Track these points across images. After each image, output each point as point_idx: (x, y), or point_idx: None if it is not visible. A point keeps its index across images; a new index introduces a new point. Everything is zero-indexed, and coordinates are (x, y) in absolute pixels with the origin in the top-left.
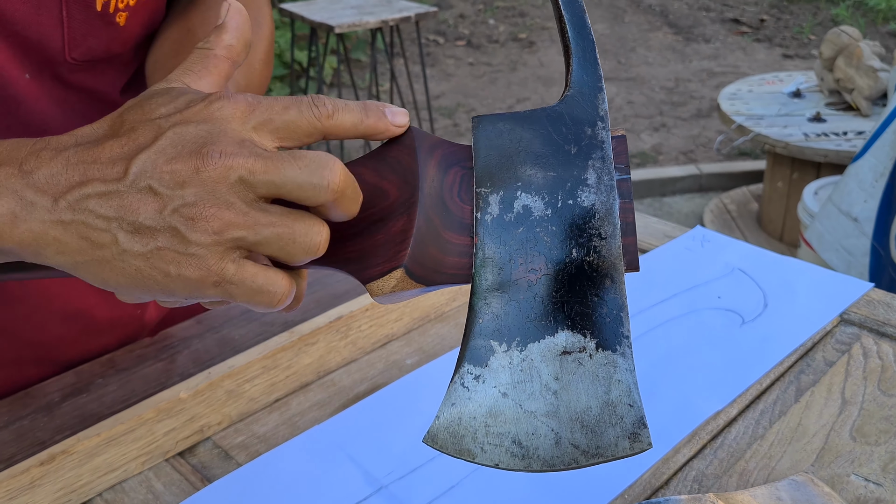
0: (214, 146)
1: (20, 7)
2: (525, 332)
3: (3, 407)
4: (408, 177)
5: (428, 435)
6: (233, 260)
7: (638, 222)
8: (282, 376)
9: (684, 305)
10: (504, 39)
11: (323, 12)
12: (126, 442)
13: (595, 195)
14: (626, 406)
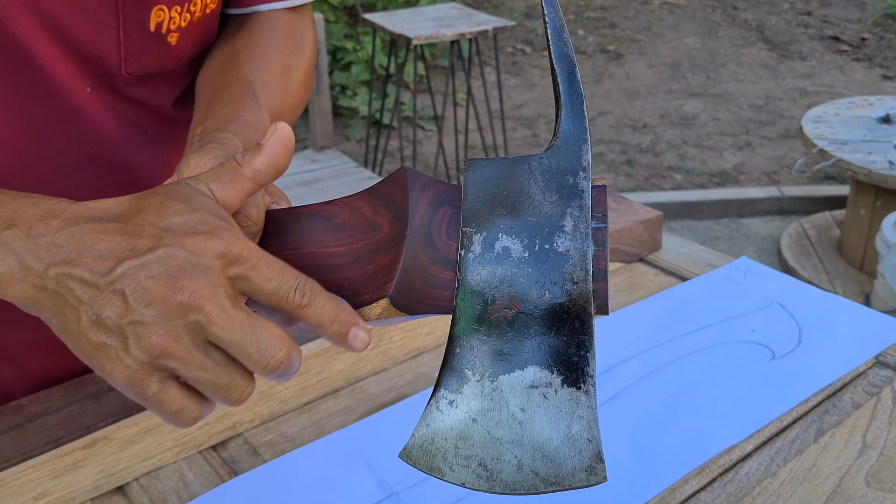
0: (189, 283)
1: (82, 26)
2: (497, 365)
3: (58, 392)
4: (399, 214)
5: (403, 451)
6: (159, 380)
7: (683, 249)
8: (313, 381)
9: (716, 336)
10: (592, 51)
11: (403, 23)
12: (163, 433)
13: (570, 242)
14: (586, 441)
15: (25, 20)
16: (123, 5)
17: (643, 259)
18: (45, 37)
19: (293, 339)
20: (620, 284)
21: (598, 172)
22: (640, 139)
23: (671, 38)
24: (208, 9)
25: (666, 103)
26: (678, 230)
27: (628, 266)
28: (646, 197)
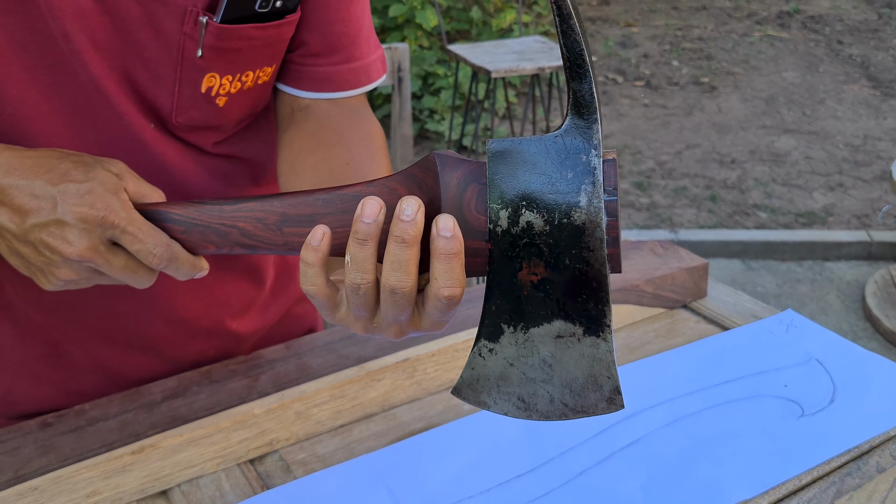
0: (76, 240)
1: (144, 76)
2: (528, 319)
3: (115, 400)
4: (432, 197)
5: (454, 389)
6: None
7: (728, 298)
8: (348, 405)
9: (748, 389)
10: (685, 82)
11: (485, 56)
12: (204, 444)
13: (586, 215)
14: (605, 378)
15: (100, 64)
16: (182, 67)
17: (686, 306)
18: (115, 79)
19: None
20: (659, 330)
21: (679, 207)
22: (727, 175)
23: (769, 71)
24: (260, 80)
25: (757, 139)
26: (758, 270)
27: (670, 312)
28: (727, 235)
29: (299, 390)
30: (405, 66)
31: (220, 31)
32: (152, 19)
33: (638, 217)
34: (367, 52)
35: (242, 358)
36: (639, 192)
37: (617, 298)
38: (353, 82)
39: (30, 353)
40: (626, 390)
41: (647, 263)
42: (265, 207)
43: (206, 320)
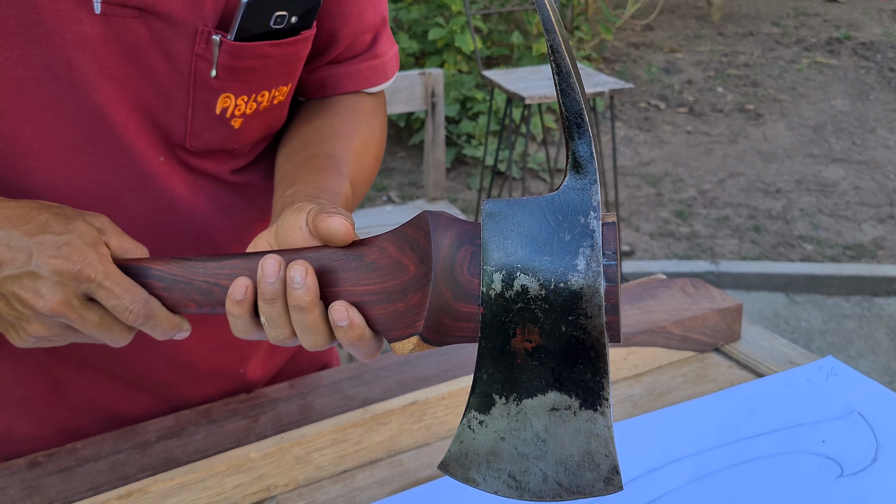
0: (49, 295)
1: (156, 101)
2: (521, 389)
3: (109, 439)
4: (423, 257)
5: (441, 464)
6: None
7: (764, 342)
8: (351, 450)
9: (781, 444)
10: (729, 109)
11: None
12: (197, 489)
13: (583, 280)
14: (603, 456)
15: (110, 93)
16: (195, 89)
17: (718, 349)
18: (126, 108)
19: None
20: (688, 375)
21: (721, 237)
22: (772, 205)
23: (817, 99)
24: (276, 100)
25: (804, 168)
26: (803, 304)
27: (700, 356)
28: (770, 267)
29: (299, 433)
30: (439, 92)
31: (234, 49)
32: (161, 42)
33: (678, 247)
34: (385, 49)
35: (244, 396)
36: (679, 220)
37: (643, 341)
38: (374, 80)
39: (30, 392)
40: (649, 440)
41: (676, 303)
42: (250, 265)
43: (211, 363)
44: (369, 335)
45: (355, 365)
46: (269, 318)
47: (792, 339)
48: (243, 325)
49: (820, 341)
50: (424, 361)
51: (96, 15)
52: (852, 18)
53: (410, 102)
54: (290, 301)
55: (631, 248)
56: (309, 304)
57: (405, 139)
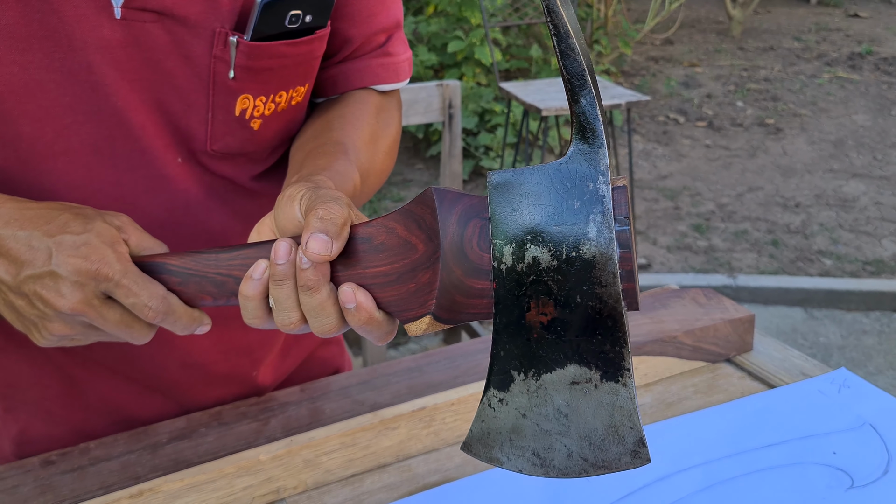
0: (70, 293)
1: (177, 104)
2: (539, 364)
3: (121, 440)
4: (431, 234)
5: (464, 444)
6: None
7: (776, 353)
8: (360, 454)
9: (792, 455)
10: (749, 123)
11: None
12: (206, 490)
13: (596, 248)
14: (628, 428)
15: (130, 96)
16: (214, 91)
17: (730, 360)
18: (145, 110)
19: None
20: (699, 385)
21: (739, 252)
22: (790, 219)
23: (838, 114)
24: (294, 101)
25: (824, 183)
26: (821, 320)
27: (712, 366)
28: (789, 281)
29: (308, 437)
30: (456, 104)
31: (251, 49)
32: (180, 45)
33: (695, 260)
34: (398, 50)
35: (255, 400)
36: (697, 234)
37: (653, 350)
38: (384, 77)
39: (46, 393)
40: (659, 450)
41: (687, 313)
42: (261, 254)
43: (223, 366)
44: (379, 317)
45: (365, 370)
46: (277, 300)
47: (810, 354)
48: (253, 309)
49: (838, 357)
50: (434, 368)
51: (117, 20)
52: (875, 33)
53: (428, 114)
54: (298, 282)
55: (648, 262)
56: (315, 284)
57: (423, 150)
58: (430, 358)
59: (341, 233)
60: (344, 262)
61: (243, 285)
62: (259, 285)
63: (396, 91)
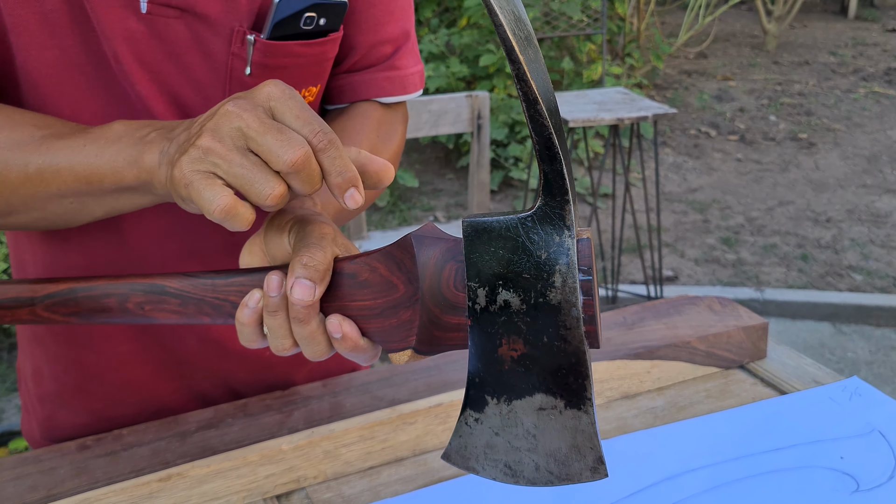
0: (239, 101)
1: (193, 98)
2: (510, 392)
3: (152, 427)
4: (410, 278)
5: (444, 454)
6: (202, 172)
7: (790, 360)
8: (377, 447)
9: (799, 459)
10: (781, 138)
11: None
12: (231, 477)
13: (561, 295)
14: (588, 448)
15: (149, 86)
16: (230, 87)
17: (743, 366)
18: (164, 102)
19: None
20: (711, 391)
21: (768, 265)
22: (821, 234)
23: (873, 129)
24: (306, 101)
25: (856, 198)
26: (850, 335)
27: (724, 372)
28: (818, 296)
29: (329, 429)
30: (485, 115)
31: (267, 47)
32: (200, 41)
33: (723, 273)
34: (406, 63)
35: (279, 393)
36: (725, 247)
37: (666, 354)
38: (389, 89)
39: (65, 386)
40: (667, 449)
41: (701, 320)
42: (255, 283)
43: (239, 343)
44: (364, 345)
45: (385, 367)
46: (271, 328)
47: (837, 369)
48: (249, 334)
49: (866, 372)
50: (452, 367)
51: (142, 14)
52: None
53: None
54: (290, 313)
55: (675, 274)
56: (306, 317)
57: (454, 161)
58: (447, 357)
59: (324, 278)
60: (331, 294)
61: (239, 312)
62: (254, 314)
63: (402, 103)
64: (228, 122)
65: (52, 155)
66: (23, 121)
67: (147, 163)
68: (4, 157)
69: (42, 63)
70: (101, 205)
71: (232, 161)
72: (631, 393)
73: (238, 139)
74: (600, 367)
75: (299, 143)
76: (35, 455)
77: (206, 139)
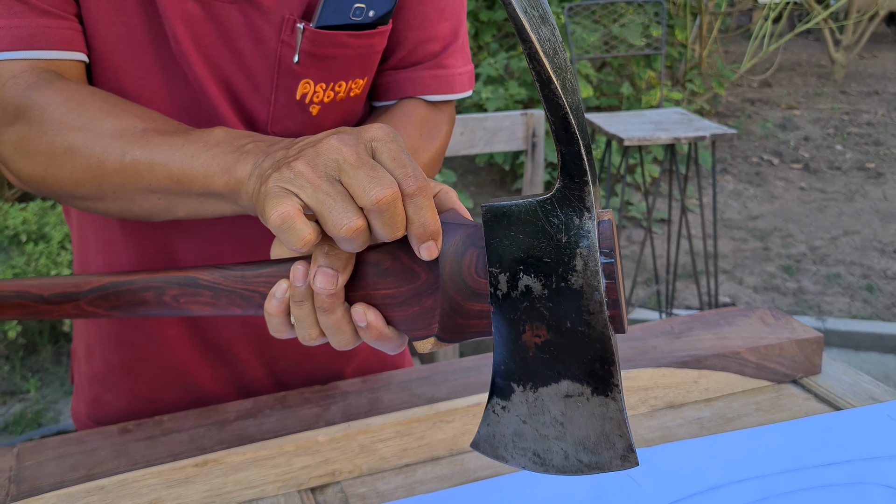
0: (344, 135)
1: (244, 84)
2: (536, 379)
3: (192, 415)
4: (431, 264)
5: (473, 443)
6: (285, 190)
7: (846, 377)
8: (414, 444)
9: (852, 474)
10: (848, 167)
11: (620, 125)
12: (267, 466)
13: (582, 279)
14: (617, 436)
15: (203, 69)
16: (279, 74)
17: (796, 381)
18: (216, 85)
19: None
20: (761, 404)
21: (830, 295)
22: (888, 265)
23: None
24: (352, 93)
25: None
26: None
27: (776, 386)
28: (883, 327)
29: (366, 423)
30: (540, 133)
31: (315, 35)
32: (252, 27)
33: (782, 302)
34: (454, 63)
35: (318, 387)
36: (786, 276)
37: (714, 364)
38: (434, 87)
39: (113, 367)
40: (712, 459)
41: (752, 331)
42: (282, 273)
43: None
44: (389, 333)
45: (425, 367)
46: (297, 318)
47: None
48: (277, 325)
49: None
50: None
51: None
52: None
53: (511, 142)
54: (315, 303)
55: (732, 300)
56: (331, 307)
57: (509, 183)
58: (487, 360)
59: (346, 266)
60: (355, 283)
61: (267, 303)
62: (281, 304)
63: (450, 104)
64: (328, 154)
65: (150, 150)
66: (128, 111)
67: (239, 172)
68: (104, 144)
69: (109, 39)
70: (186, 206)
71: (319, 187)
72: (677, 402)
73: (332, 170)
74: (644, 374)
75: (388, 182)
76: (78, 436)
77: (301, 164)
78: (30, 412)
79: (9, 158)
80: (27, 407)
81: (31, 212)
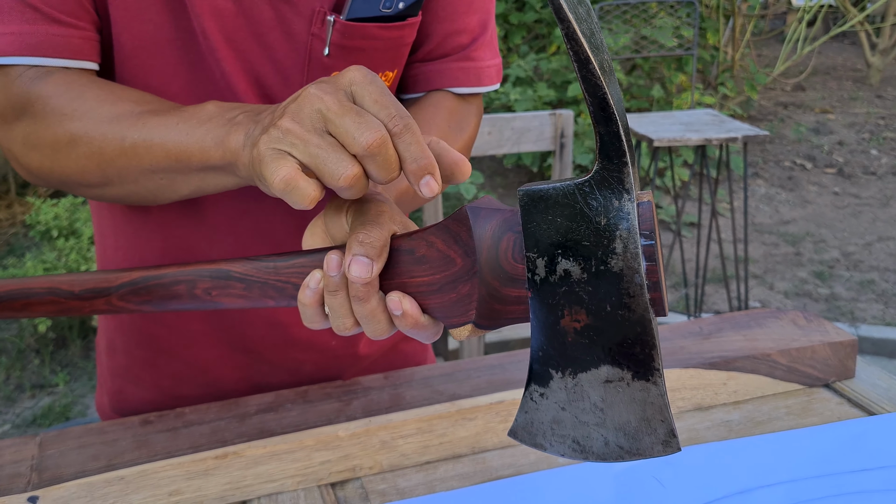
0: (322, 84)
1: (274, 78)
2: (575, 365)
3: (213, 408)
4: (467, 250)
5: (510, 431)
6: (278, 150)
7: (881, 381)
8: (435, 441)
9: (888, 481)
10: (883, 172)
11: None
12: (287, 460)
13: (622, 262)
14: (659, 421)
15: (233, 63)
16: (309, 67)
17: (829, 385)
18: (246, 80)
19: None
20: (792, 407)
21: (864, 302)
22: None
23: None
24: None
25: None
26: None
27: (808, 389)
28: None
29: (387, 419)
30: (568, 133)
31: (345, 28)
32: (283, 21)
33: (814, 308)
34: (483, 56)
35: (340, 383)
36: (818, 281)
37: (744, 367)
38: (463, 80)
39: (136, 360)
40: (741, 462)
41: (784, 333)
42: (315, 263)
43: (305, 330)
44: (425, 321)
45: (448, 364)
46: (332, 308)
47: None
48: (311, 315)
49: None
50: (515, 367)
51: None
52: None
53: (539, 142)
54: (350, 292)
55: (762, 305)
56: (365, 295)
57: None
58: (512, 357)
59: (381, 254)
60: (390, 272)
61: (301, 293)
62: (315, 294)
63: (478, 96)
64: (309, 105)
65: (147, 131)
66: (124, 96)
67: (232, 144)
68: (104, 130)
69: (136, 37)
70: (189, 183)
71: (309, 142)
72: (705, 405)
73: (317, 121)
74: (672, 375)
75: (376, 126)
76: (100, 427)
77: (287, 121)
78: (58, 406)
79: (19, 154)
80: (55, 400)
81: (63, 208)
